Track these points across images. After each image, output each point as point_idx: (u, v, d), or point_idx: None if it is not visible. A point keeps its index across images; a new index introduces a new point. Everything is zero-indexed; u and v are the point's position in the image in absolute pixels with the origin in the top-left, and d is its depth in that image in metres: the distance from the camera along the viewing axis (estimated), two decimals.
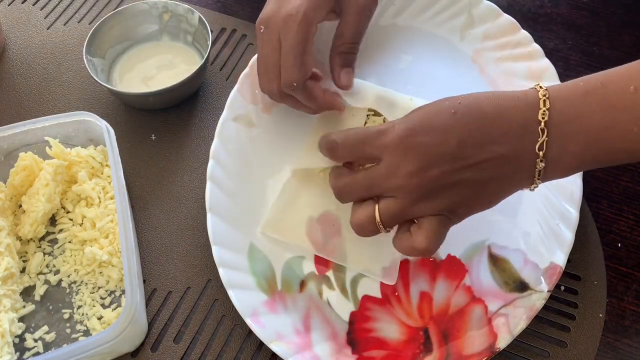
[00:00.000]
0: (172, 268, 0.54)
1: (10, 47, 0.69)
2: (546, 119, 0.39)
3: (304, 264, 0.51)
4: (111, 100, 0.65)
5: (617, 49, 0.67)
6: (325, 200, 0.52)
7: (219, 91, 0.65)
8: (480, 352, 0.46)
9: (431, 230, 0.41)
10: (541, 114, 0.40)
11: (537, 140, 0.40)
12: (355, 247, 0.51)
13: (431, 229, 0.41)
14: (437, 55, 0.60)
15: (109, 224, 0.54)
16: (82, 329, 0.51)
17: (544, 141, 0.39)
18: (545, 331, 0.50)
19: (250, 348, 0.50)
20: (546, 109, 0.40)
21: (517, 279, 0.49)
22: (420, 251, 0.41)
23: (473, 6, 0.59)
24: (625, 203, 0.56)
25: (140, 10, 0.65)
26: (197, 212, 0.57)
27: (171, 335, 0.51)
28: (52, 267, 0.54)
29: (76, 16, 0.72)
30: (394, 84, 0.57)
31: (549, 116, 0.39)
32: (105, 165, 0.57)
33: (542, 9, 0.71)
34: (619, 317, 0.51)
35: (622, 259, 0.54)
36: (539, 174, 0.41)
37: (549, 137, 0.39)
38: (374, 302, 0.50)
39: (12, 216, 0.55)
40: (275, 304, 0.49)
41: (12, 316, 0.49)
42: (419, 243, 0.41)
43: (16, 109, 0.64)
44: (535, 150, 0.40)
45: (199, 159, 0.60)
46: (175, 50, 0.66)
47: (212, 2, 0.73)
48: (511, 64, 0.57)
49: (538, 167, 0.40)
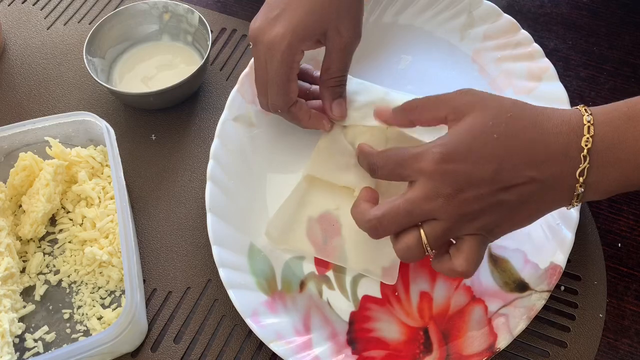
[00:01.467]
0: (172, 268, 0.54)
1: (10, 47, 0.69)
2: (589, 146, 0.39)
3: (304, 264, 0.51)
4: (111, 100, 0.65)
5: (617, 49, 0.67)
6: (325, 200, 0.52)
7: (219, 91, 0.65)
8: (480, 352, 0.46)
9: (470, 252, 0.41)
10: (584, 141, 0.39)
11: (578, 166, 0.40)
12: (355, 247, 0.51)
13: (470, 251, 0.41)
14: (437, 55, 0.60)
15: (109, 224, 0.54)
16: (82, 329, 0.51)
17: (585, 168, 0.39)
18: (545, 331, 0.50)
19: (250, 348, 0.50)
20: (590, 136, 0.39)
21: (517, 279, 0.49)
22: (460, 273, 0.41)
23: (473, 6, 0.59)
24: (626, 203, 0.56)
25: (140, 10, 0.65)
26: (197, 212, 0.57)
27: (171, 335, 0.51)
28: (52, 267, 0.54)
29: (76, 16, 0.72)
30: (394, 84, 0.57)
31: (592, 143, 0.39)
32: (105, 165, 0.57)
33: (542, 9, 0.71)
34: (619, 317, 0.51)
35: (622, 259, 0.54)
36: (577, 197, 0.41)
37: (590, 164, 0.39)
38: (374, 302, 0.50)
39: (12, 216, 0.55)
40: (275, 304, 0.49)
41: (12, 316, 0.49)
42: (458, 265, 0.41)
43: (16, 109, 0.64)
44: (576, 175, 0.40)
45: (199, 159, 0.60)
46: (175, 50, 0.66)
47: (212, 2, 0.73)
48: (511, 64, 0.57)
49: (577, 191, 0.40)
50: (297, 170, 0.53)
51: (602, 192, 0.41)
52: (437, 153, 0.41)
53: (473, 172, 0.40)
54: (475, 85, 0.58)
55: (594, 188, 0.40)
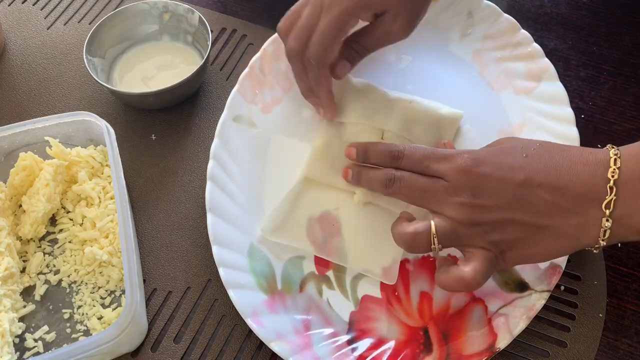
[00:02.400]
0: (172, 268, 0.54)
1: (10, 47, 0.69)
2: (616, 177, 0.39)
3: (304, 264, 0.51)
4: (111, 100, 0.65)
5: (617, 49, 0.67)
6: (325, 200, 0.52)
7: (219, 91, 0.65)
8: (480, 352, 0.46)
9: (479, 264, 0.41)
10: (611, 172, 0.39)
11: (604, 198, 0.39)
12: (355, 247, 0.51)
13: (479, 263, 0.41)
14: (437, 55, 0.60)
15: (109, 224, 0.54)
16: (82, 329, 0.51)
17: (611, 199, 0.39)
18: (545, 331, 0.50)
19: (250, 348, 0.50)
20: (616, 168, 0.39)
21: (517, 279, 0.49)
22: (467, 282, 0.41)
23: (473, 6, 0.59)
24: None
25: (140, 10, 0.65)
26: (197, 212, 0.57)
27: (171, 335, 0.51)
28: (52, 267, 0.54)
29: (76, 16, 0.72)
30: (394, 84, 0.57)
31: (619, 174, 0.39)
32: (105, 165, 0.57)
33: (542, 9, 0.71)
34: (619, 317, 0.51)
35: (622, 259, 0.54)
36: (604, 233, 0.40)
37: (617, 195, 0.39)
38: (374, 302, 0.50)
39: (12, 216, 0.55)
40: (275, 303, 0.49)
41: (12, 316, 0.49)
42: (466, 272, 0.41)
43: (16, 109, 0.64)
44: (602, 208, 0.39)
45: (199, 159, 0.60)
46: (175, 50, 0.66)
47: (212, 2, 0.73)
48: (511, 64, 0.57)
49: (604, 226, 0.39)
50: (297, 170, 0.53)
51: (634, 229, 0.40)
52: (468, 158, 0.42)
53: (497, 181, 0.41)
54: (475, 85, 0.58)
55: (623, 223, 0.39)
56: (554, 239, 0.41)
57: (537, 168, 0.41)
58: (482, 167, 0.41)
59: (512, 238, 0.41)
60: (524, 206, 0.40)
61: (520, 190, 0.40)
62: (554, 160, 0.41)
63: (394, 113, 0.53)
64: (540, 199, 0.40)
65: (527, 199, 0.40)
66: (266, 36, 0.59)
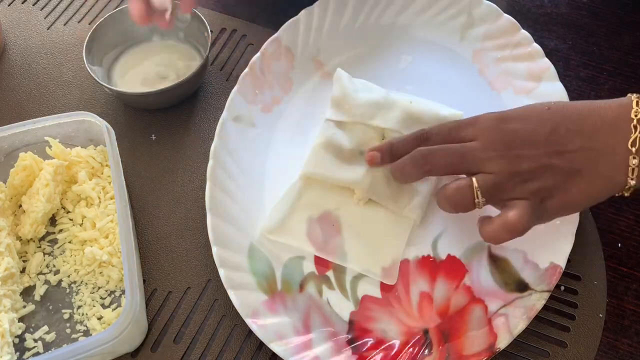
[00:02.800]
0: (172, 268, 0.54)
1: (10, 47, 0.69)
2: (639, 116, 0.41)
3: (304, 264, 0.51)
4: (111, 100, 0.65)
5: (617, 49, 0.67)
6: (325, 201, 0.52)
7: (219, 91, 0.65)
8: (480, 352, 0.46)
9: (522, 210, 0.42)
10: (634, 112, 0.41)
11: (629, 136, 0.41)
12: (355, 247, 0.51)
13: (523, 209, 0.42)
14: (437, 55, 0.60)
15: (109, 224, 0.54)
16: (82, 329, 0.51)
17: (636, 137, 0.41)
18: (545, 331, 0.50)
19: (250, 348, 0.50)
20: (639, 108, 0.41)
21: (517, 279, 0.49)
22: (512, 225, 0.42)
23: (473, 6, 0.59)
24: (625, 203, 0.56)
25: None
26: (197, 212, 0.57)
27: (171, 335, 0.51)
28: (52, 267, 0.54)
29: (76, 16, 0.72)
30: (394, 84, 0.57)
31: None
32: (105, 165, 0.57)
33: (542, 9, 0.71)
34: (619, 317, 0.51)
35: (622, 259, 0.54)
36: (632, 171, 0.41)
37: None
38: (374, 302, 0.50)
39: (12, 216, 0.55)
40: (275, 304, 0.49)
41: (12, 316, 0.49)
42: (511, 216, 0.42)
43: (16, 109, 0.64)
44: (628, 146, 0.41)
45: (199, 159, 0.60)
46: (175, 50, 0.66)
47: (212, 2, 0.73)
48: (511, 64, 0.57)
49: (631, 164, 0.41)
50: (297, 170, 0.53)
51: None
52: (495, 116, 0.45)
53: (528, 132, 0.43)
54: (475, 85, 0.58)
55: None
56: (589, 182, 0.42)
57: (563, 116, 0.43)
58: (510, 123, 0.44)
59: (551, 185, 0.42)
60: (557, 152, 0.42)
61: (551, 137, 0.42)
62: (576, 109, 0.43)
63: (394, 113, 0.53)
64: (571, 143, 0.42)
65: (558, 145, 0.42)
66: (266, 36, 0.59)
